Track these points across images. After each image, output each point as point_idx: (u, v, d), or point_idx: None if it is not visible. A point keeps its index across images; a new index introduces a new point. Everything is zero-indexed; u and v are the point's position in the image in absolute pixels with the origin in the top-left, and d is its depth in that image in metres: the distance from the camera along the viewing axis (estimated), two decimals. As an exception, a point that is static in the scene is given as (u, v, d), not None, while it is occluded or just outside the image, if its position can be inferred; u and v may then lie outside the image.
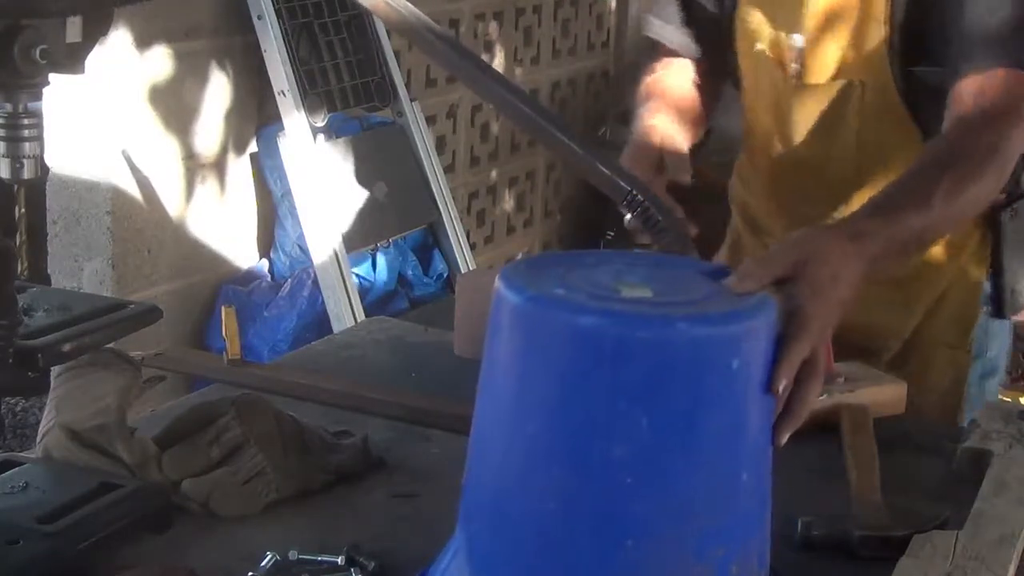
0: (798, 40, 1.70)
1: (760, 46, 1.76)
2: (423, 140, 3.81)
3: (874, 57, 1.66)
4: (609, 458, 1.04)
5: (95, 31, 1.25)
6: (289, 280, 3.48)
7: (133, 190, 3.24)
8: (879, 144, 1.71)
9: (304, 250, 3.49)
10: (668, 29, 1.90)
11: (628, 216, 1.41)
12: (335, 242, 3.43)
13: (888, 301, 1.77)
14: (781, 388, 1.11)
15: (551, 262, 1.15)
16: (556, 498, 1.06)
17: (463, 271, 3.73)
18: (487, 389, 1.12)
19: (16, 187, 1.29)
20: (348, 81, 3.61)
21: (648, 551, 1.05)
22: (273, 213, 3.60)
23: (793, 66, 1.72)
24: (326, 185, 3.45)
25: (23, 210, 1.32)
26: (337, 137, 3.57)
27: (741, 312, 1.08)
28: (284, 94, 3.40)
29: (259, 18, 3.39)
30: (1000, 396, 1.94)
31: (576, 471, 1.05)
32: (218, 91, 3.43)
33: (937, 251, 1.77)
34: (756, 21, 1.76)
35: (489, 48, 4.48)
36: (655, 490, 1.05)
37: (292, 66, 3.42)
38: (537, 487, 1.07)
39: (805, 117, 1.75)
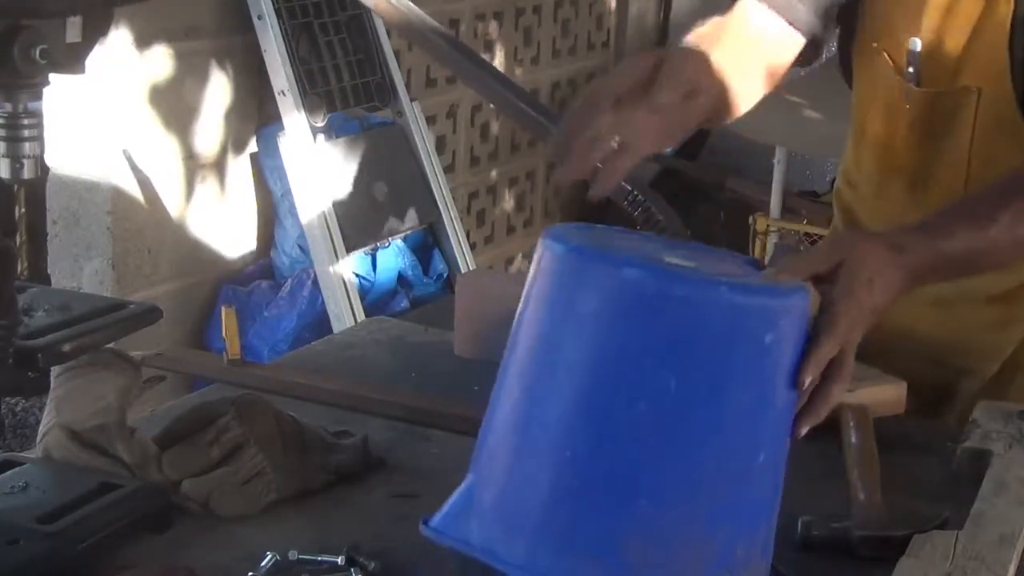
0: (915, 43, 1.63)
1: (877, 45, 1.70)
2: (423, 140, 3.81)
3: (994, 63, 1.59)
4: (632, 414, 1.05)
5: (95, 31, 1.25)
6: (289, 280, 3.48)
7: (133, 190, 3.24)
8: (992, 158, 1.63)
9: (304, 250, 3.49)
10: None
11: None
12: (335, 242, 3.43)
13: (983, 320, 1.71)
14: (807, 383, 1.14)
15: (597, 230, 1.17)
16: (574, 446, 1.06)
17: (463, 271, 3.73)
18: (520, 336, 1.12)
19: (16, 187, 1.30)
20: (348, 81, 3.61)
21: (659, 514, 1.05)
22: (273, 213, 3.60)
23: (908, 70, 1.65)
24: (326, 185, 3.45)
25: (23, 210, 1.32)
26: (337, 137, 3.57)
27: (780, 289, 1.11)
28: (284, 94, 3.40)
29: (259, 18, 3.39)
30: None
31: (598, 422, 1.06)
32: (218, 91, 3.43)
33: None
34: (877, 17, 1.70)
35: (489, 48, 4.48)
36: (673, 453, 1.05)
37: (292, 66, 3.42)
38: (556, 433, 1.07)
39: (917, 124, 1.68)
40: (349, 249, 3.48)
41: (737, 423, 1.08)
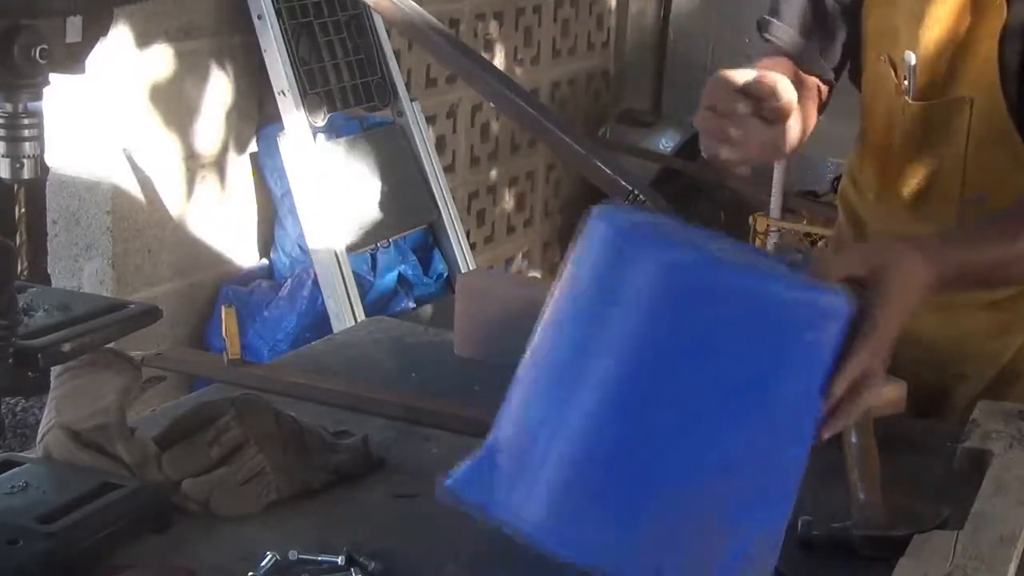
0: (911, 57, 1.66)
1: (883, 57, 1.72)
2: (423, 140, 3.81)
3: (985, 74, 1.61)
4: (669, 400, 1.04)
5: (95, 31, 1.26)
6: (289, 280, 3.48)
7: (133, 190, 3.24)
8: (987, 166, 1.65)
9: (304, 250, 3.49)
10: (788, 32, 1.79)
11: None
12: (335, 242, 3.43)
13: (981, 327, 1.72)
14: (840, 392, 1.12)
15: (644, 213, 1.16)
16: (606, 427, 1.05)
17: (463, 271, 3.73)
18: (557, 311, 1.10)
19: (16, 187, 1.30)
20: (348, 81, 3.61)
21: (680, 498, 1.05)
22: (273, 213, 3.60)
23: (905, 83, 1.68)
24: (326, 185, 3.45)
25: (23, 210, 1.32)
26: (337, 137, 3.57)
27: (832, 290, 1.10)
28: (284, 94, 3.40)
29: (259, 18, 3.39)
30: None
31: (635, 405, 1.05)
32: (218, 91, 3.43)
33: None
34: (883, 28, 1.72)
35: (489, 48, 4.48)
36: (701, 439, 1.05)
37: (292, 66, 3.42)
38: (590, 413, 1.05)
39: (913, 135, 1.71)
40: (349, 249, 3.48)
41: (768, 416, 1.07)
